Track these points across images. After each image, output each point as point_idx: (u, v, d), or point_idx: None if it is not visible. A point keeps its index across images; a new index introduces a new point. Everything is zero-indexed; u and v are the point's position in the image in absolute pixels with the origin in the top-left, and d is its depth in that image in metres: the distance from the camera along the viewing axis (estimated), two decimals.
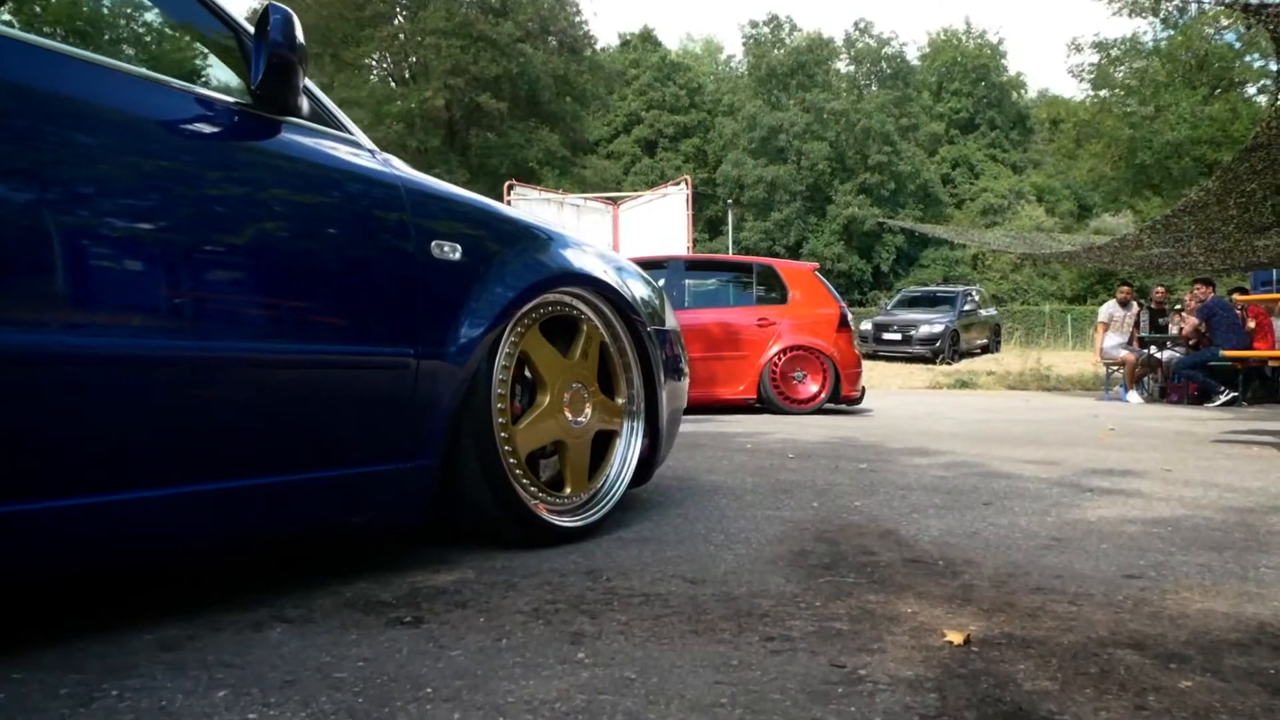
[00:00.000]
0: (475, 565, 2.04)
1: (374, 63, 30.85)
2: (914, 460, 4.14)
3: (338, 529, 1.95)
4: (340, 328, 1.81)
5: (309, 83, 1.84)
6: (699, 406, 7.62)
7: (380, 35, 28.27)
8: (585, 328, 2.40)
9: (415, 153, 28.05)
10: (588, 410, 2.36)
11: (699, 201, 45.69)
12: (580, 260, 2.37)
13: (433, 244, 1.96)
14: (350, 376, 1.83)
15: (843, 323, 7.89)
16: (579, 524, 2.30)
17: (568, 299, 2.36)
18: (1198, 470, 3.83)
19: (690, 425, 6.13)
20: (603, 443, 2.50)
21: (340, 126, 1.95)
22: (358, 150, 1.96)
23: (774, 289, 8.14)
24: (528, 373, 2.25)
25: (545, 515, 2.21)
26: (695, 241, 35.57)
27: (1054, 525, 2.55)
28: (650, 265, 8.75)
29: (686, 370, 2.94)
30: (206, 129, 1.66)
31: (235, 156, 1.69)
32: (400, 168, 2.03)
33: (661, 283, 8.08)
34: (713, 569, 2.02)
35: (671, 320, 2.83)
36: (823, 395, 7.66)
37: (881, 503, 2.94)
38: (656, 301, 2.73)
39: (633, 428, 2.57)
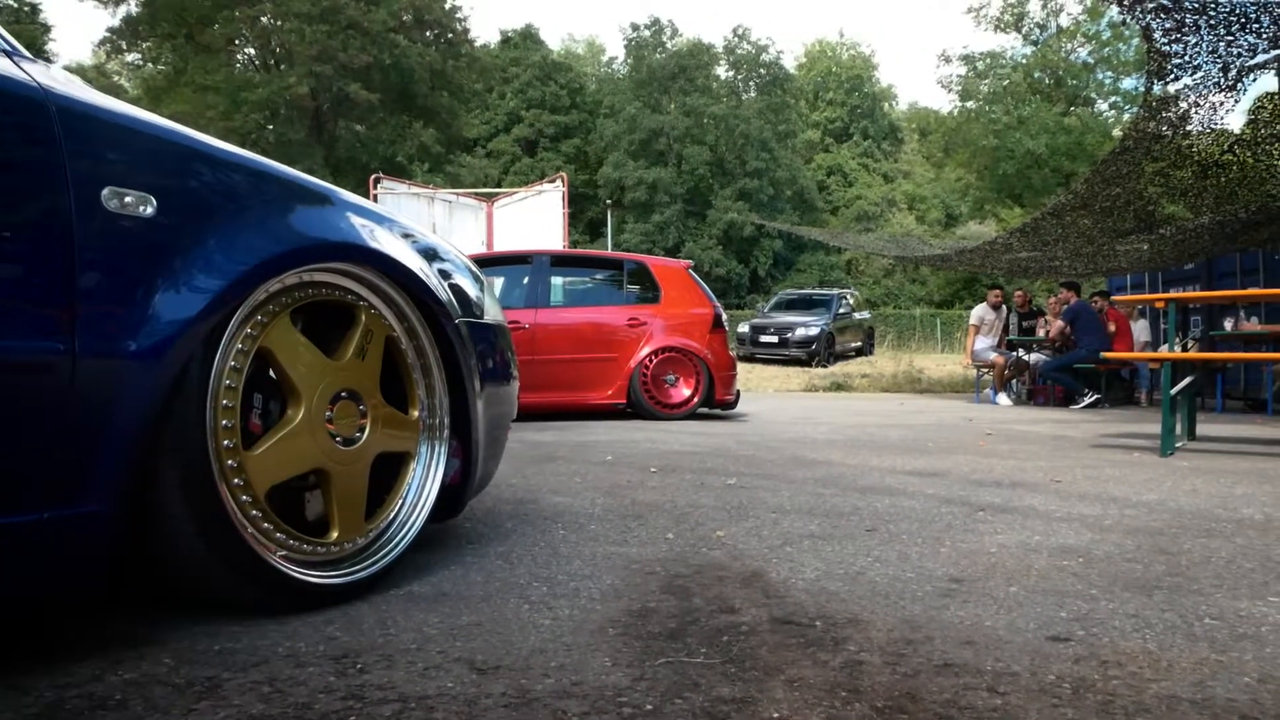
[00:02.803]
0: (180, 648, 1.44)
1: (235, 47, 28.96)
2: (789, 473, 3.72)
3: None
4: None
5: None
6: (564, 413, 7.09)
7: (240, 17, 26.47)
8: (363, 318, 1.82)
9: (274, 144, 26.46)
10: (364, 426, 1.79)
11: (580, 203, 45.15)
12: (359, 230, 1.80)
13: (105, 192, 1.34)
14: None
15: (717, 323, 7.49)
16: (346, 580, 1.72)
17: (339, 280, 1.78)
18: (1087, 481, 3.53)
19: (550, 434, 5.59)
20: (393, 469, 1.93)
21: None
22: None
23: (646, 288, 7.67)
24: (279, 377, 1.66)
25: (294, 571, 1.62)
26: (575, 243, 35.08)
27: (950, 559, 2.12)
28: (513, 260, 8.17)
29: (515, 374, 2.39)
30: None
31: None
32: (60, 80, 1.41)
33: (525, 280, 7.62)
34: (517, 644, 1.48)
35: (494, 314, 2.28)
36: (696, 399, 7.24)
37: (750, 531, 2.46)
38: (474, 290, 2.18)
39: (433, 448, 2.00)
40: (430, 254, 2.03)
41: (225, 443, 1.51)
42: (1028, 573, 1.99)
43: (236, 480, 1.53)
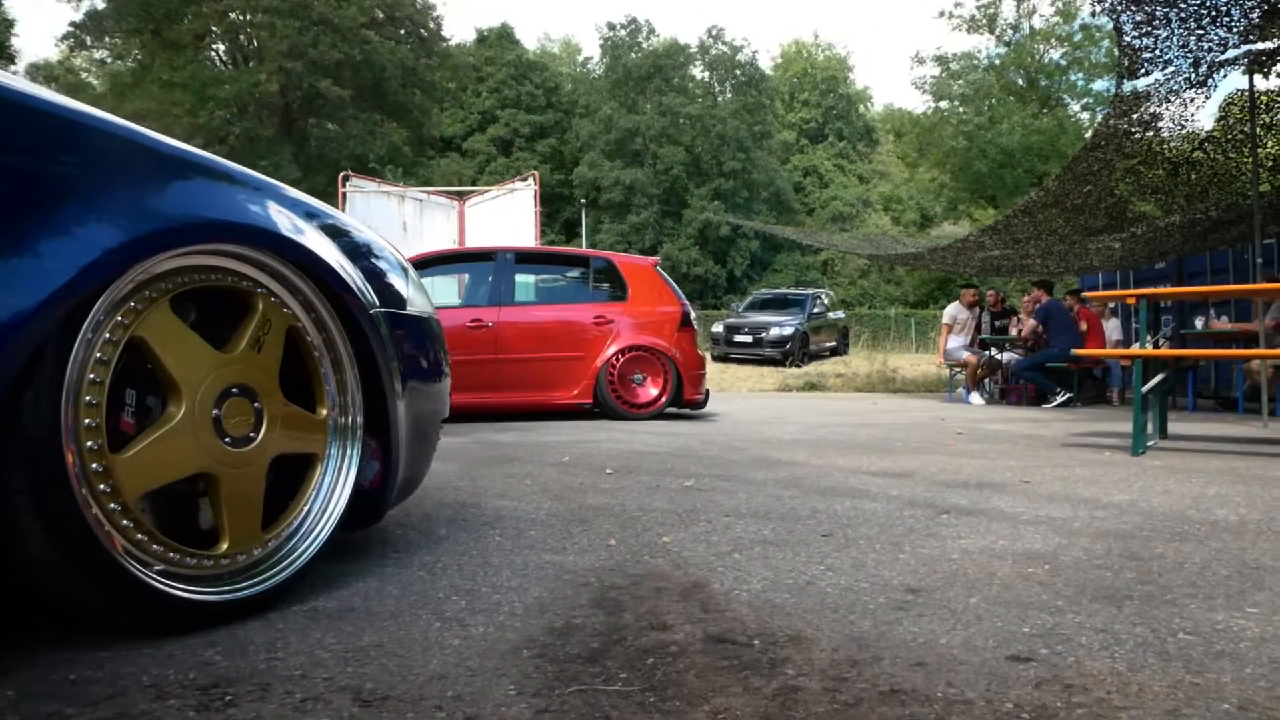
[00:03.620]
0: (30, 677, 1.27)
1: (203, 44, 28.45)
2: (750, 474, 3.57)
3: None
4: None
5: None
6: (528, 414, 6.91)
7: (208, 12, 26.00)
8: (261, 305, 1.64)
9: (242, 141, 26.01)
10: (260, 426, 1.62)
11: (556, 203, 44.91)
12: (255, 209, 1.62)
13: None
14: None
15: (685, 322, 7.35)
16: (237, 596, 1.54)
17: (233, 264, 1.61)
18: (1058, 481, 3.41)
19: (512, 434, 5.42)
20: (300, 472, 1.76)
21: None
22: None
23: (613, 285, 7.51)
24: (156, 371, 1.49)
25: (175, 588, 1.45)
26: (551, 243, 34.85)
27: (908, 567, 1.98)
28: (476, 257, 7.99)
29: (446, 370, 2.22)
30: None
31: None
32: None
33: (489, 278, 7.43)
34: (416, 669, 1.32)
35: (422, 306, 2.11)
36: (664, 399, 7.09)
37: (698, 537, 2.31)
38: (396, 279, 2.01)
39: (344, 449, 1.83)
40: (344, 238, 1.86)
41: (89, 444, 1.34)
42: (990, 582, 1.85)
43: (102, 486, 1.35)
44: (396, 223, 14.41)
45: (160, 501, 1.52)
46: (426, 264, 7.44)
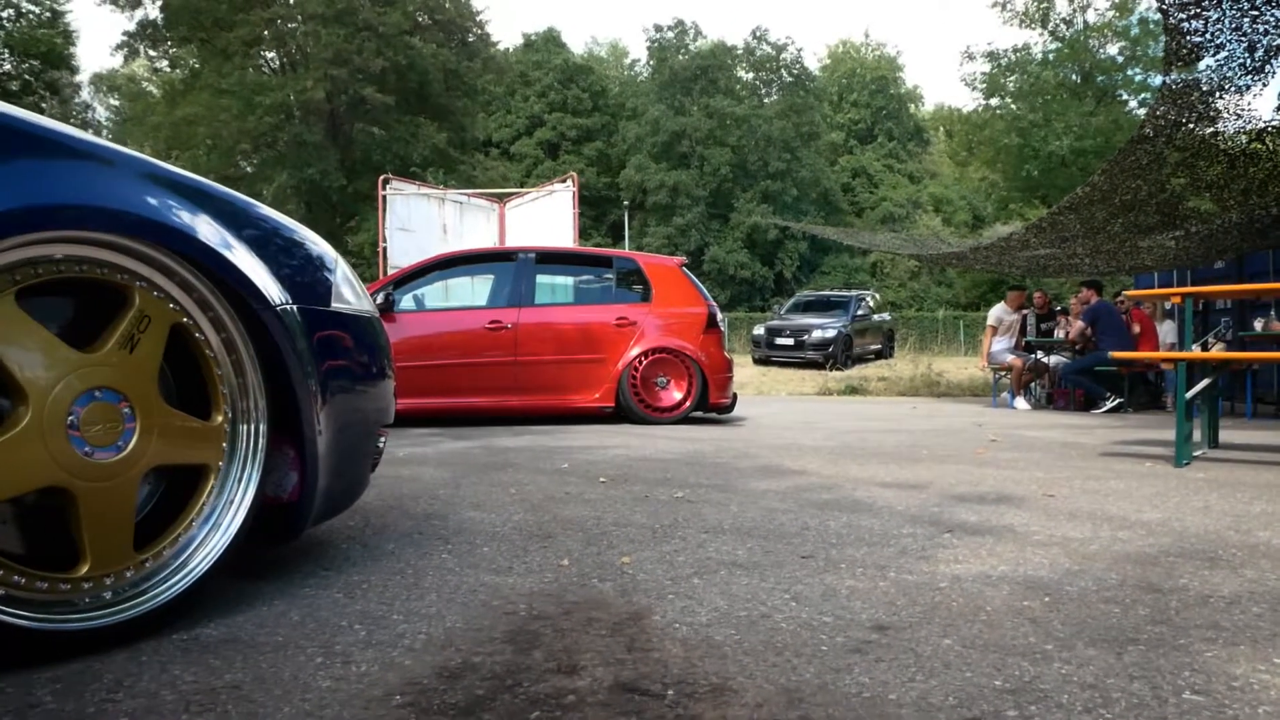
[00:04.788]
0: None
1: (253, 51, 28.88)
2: (751, 484, 3.34)
3: None
4: None
5: None
6: (548, 417, 6.74)
7: (252, 19, 26.37)
8: (138, 300, 1.47)
9: (289, 146, 26.32)
10: (131, 434, 1.44)
11: (603, 205, 44.86)
12: (131, 192, 1.45)
13: None
14: None
15: (711, 323, 7.11)
16: (94, 624, 1.37)
17: (103, 254, 1.44)
18: (1085, 495, 3.12)
19: (524, 439, 5.25)
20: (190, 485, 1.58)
21: None
22: None
23: (636, 285, 7.31)
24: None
25: (17, 616, 1.28)
26: (596, 245, 34.80)
27: (885, 598, 1.74)
28: (496, 257, 7.84)
29: (382, 371, 2.04)
30: None
31: None
32: None
33: (509, 278, 7.27)
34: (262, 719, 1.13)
35: (351, 301, 1.93)
36: (688, 403, 6.86)
37: (663, 557, 2.10)
38: (317, 271, 1.83)
39: (244, 459, 1.65)
40: (250, 227, 1.68)
41: None
42: (974, 617, 1.60)
43: None
44: (437, 225, 14.40)
45: (7, 518, 1.35)
46: (446, 264, 7.32)
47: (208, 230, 1.55)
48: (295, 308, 1.70)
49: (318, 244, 1.89)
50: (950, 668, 1.33)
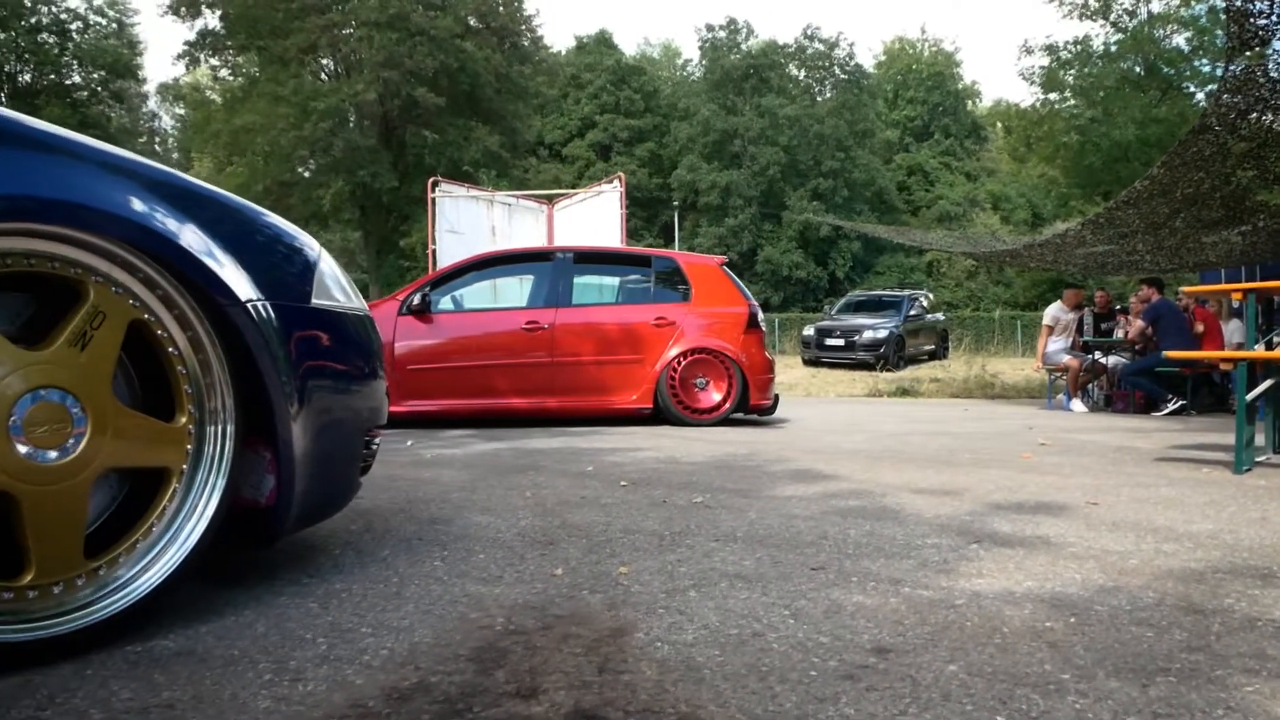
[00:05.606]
0: None
1: (309, 58, 29.43)
2: (778, 490, 3.21)
3: None
4: None
5: None
6: (586, 419, 6.66)
7: (308, 27, 26.85)
8: (92, 295, 1.41)
9: (343, 151, 26.74)
10: (81, 436, 1.38)
11: (654, 206, 44.76)
12: (84, 182, 1.39)
13: None
14: None
15: (752, 323, 6.95)
16: (39, 634, 1.31)
17: (53, 247, 1.38)
18: (1132, 503, 2.93)
19: (557, 440, 5.17)
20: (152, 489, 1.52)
21: None
22: None
23: (675, 285, 7.19)
24: None
25: None
26: (648, 246, 34.76)
27: (894, 616, 1.61)
28: (533, 257, 7.77)
29: (370, 370, 1.96)
30: None
31: None
32: None
33: (547, 278, 7.20)
34: None
35: (338, 298, 1.85)
36: (728, 405, 6.71)
37: (664, 567, 1.98)
38: (294, 265, 1.76)
39: (210, 463, 1.58)
40: (222, 222, 1.61)
41: None
42: (988, 640, 1.47)
43: None
44: (485, 227, 14.45)
45: None
46: (484, 265, 7.29)
47: (171, 223, 1.48)
48: (269, 304, 1.62)
49: (298, 238, 1.82)
50: (949, 699, 1.20)
